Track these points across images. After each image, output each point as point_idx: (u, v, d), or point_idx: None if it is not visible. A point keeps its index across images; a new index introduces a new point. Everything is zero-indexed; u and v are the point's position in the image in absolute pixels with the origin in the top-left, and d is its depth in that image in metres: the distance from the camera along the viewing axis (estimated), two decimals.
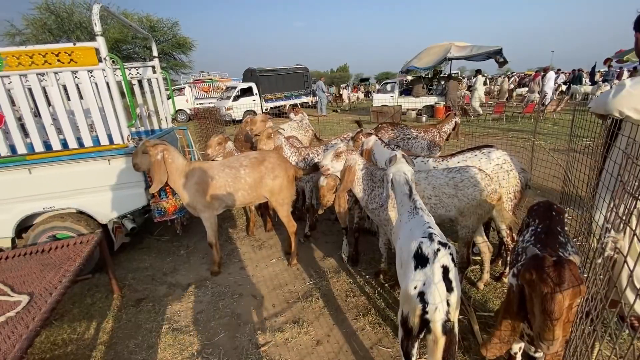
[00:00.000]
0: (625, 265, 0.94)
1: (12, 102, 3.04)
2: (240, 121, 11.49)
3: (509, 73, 30.40)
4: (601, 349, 1.53)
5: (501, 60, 11.98)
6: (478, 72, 12.99)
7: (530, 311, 1.19)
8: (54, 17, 15.58)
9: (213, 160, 3.66)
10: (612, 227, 1.08)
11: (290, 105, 16.17)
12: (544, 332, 1.09)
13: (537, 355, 1.51)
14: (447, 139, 4.49)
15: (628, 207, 1.05)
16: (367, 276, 3.14)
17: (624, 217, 1.04)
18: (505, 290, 2.74)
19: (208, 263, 3.53)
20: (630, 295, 1.67)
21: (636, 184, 1.02)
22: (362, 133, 3.47)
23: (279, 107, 16.29)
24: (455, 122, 4.40)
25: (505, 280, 2.88)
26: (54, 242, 2.83)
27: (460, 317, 2.50)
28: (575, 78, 15.97)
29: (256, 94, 15.52)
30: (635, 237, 0.87)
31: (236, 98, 14.88)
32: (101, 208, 3.34)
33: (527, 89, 16.12)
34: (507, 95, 15.41)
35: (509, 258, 2.85)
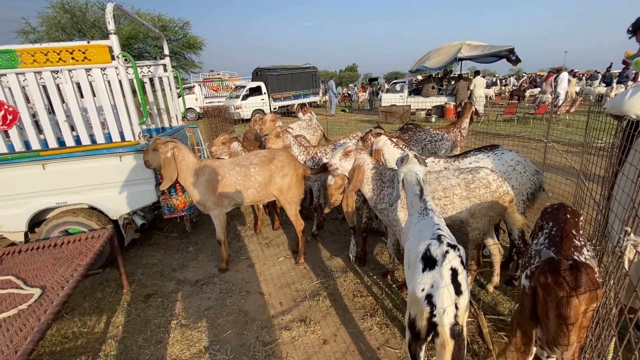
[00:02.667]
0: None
1: (27, 99, 3.09)
2: (249, 120, 11.55)
3: (522, 73, 29.90)
4: (619, 355, 1.49)
5: (513, 58, 11.78)
6: (477, 73, 12.76)
7: (544, 315, 1.16)
8: (68, 15, 15.87)
9: (217, 158, 3.69)
10: (632, 230, 1.05)
11: (298, 104, 16.22)
12: (559, 337, 1.06)
13: None
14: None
15: None
16: (375, 276, 3.12)
17: None
18: (516, 294, 2.71)
19: (216, 260, 3.55)
20: None
21: None
22: (371, 133, 3.45)
23: (287, 106, 16.33)
24: (472, 112, 4.35)
25: (516, 283, 2.83)
26: (66, 236, 2.88)
27: (469, 319, 2.47)
28: (605, 78, 15.71)
29: (265, 93, 15.58)
30: None
31: (245, 97, 14.97)
32: (112, 204, 3.38)
33: (539, 89, 15.83)
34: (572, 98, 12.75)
35: (520, 261, 2.81)
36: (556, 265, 1.09)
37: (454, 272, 1.48)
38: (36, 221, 3.35)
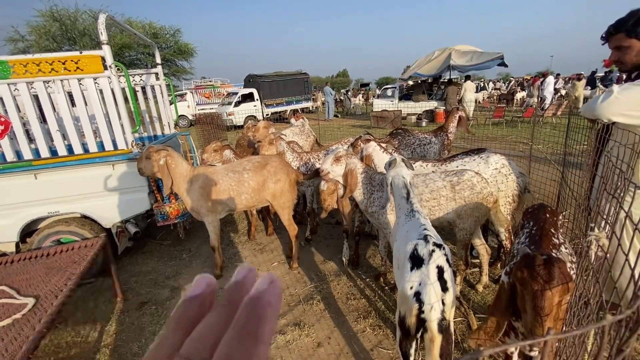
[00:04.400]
0: (606, 263, 0.98)
1: (18, 109, 3.10)
2: (241, 126, 11.57)
3: (510, 77, 30.60)
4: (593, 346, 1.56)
5: (499, 65, 12.07)
6: (467, 77, 13.05)
7: (522, 308, 1.23)
8: (58, 24, 15.78)
9: (209, 164, 3.72)
10: (596, 226, 1.13)
11: (291, 110, 16.32)
12: (535, 328, 1.14)
13: (532, 354, 1.54)
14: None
15: (614, 207, 1.10)
16: (368, 279, 3.17)
17: (605, 217, 1.09)
18: None
19: (210, 267, 3.57)
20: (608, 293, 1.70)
21: (618, 184, 1.07)
22: (361, 139, 3.52)
23: (279, 112, 16.41)
24: (459, 116, 4.40)
25: None
26: (59, 246, 2.88)
27: (460, 319, 2.54)
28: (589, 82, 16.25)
29: (257, 99, 15.63)
30: (614, 235, 0.92)
31: (237, 104, 14.99)
32: (105, 212, 3.39)
33: (525, 92, 16.22)
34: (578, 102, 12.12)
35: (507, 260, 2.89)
36: (531, 261, 1.16)
37: (440, 270, 1.54)
38: (28, 231, 3.34)
